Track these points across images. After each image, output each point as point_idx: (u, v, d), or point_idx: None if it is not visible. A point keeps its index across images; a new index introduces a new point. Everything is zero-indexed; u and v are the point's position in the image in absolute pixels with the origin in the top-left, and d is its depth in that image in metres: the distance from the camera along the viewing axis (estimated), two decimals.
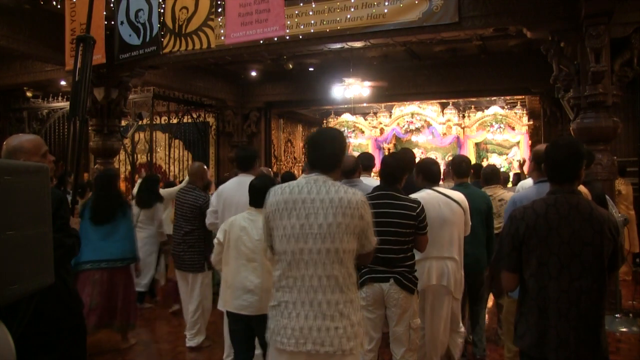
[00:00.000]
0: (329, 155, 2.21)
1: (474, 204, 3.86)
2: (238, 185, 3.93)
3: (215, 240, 3.38)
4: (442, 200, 3.47)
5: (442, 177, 5.02)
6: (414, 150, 10.32)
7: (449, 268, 3.44)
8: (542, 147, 3.28)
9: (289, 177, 6.58)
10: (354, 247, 2.13)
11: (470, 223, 3.64)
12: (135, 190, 6.86)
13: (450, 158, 10.67)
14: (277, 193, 2.18)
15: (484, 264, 4.12)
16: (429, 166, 3.69)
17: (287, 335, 2.07)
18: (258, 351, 3.36)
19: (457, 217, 3.48)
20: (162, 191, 7.08)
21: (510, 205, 2.97)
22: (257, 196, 3.21)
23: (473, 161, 9.78)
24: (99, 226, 4.42)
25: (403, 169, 3.30)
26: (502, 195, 4.70)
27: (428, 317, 3.48)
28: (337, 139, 2.27)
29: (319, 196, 2.10)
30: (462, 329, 3.76)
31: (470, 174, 5.11)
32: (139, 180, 7.07)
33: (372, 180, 4.33)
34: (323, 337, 2.03)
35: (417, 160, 4.64)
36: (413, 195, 3.46)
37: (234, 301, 3.19)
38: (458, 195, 3.54)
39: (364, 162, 4.34)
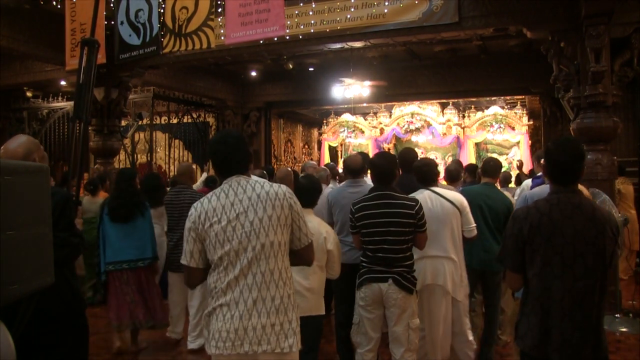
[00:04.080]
0: (236, 158, 2.14)
1: (496, 203, 3.91)
2: None
3: None
4: (435, 200, 3.46)
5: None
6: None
7: (445, 267, 3.41)
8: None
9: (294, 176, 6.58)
10: (287, 239, 2.12)
11: (474, 224, 3.57)
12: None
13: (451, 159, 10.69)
14: (203, 203, 2.11)
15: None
16: (420, 167, 3.68)
17: (222, 339, 2.00)
18: None
19: (451, 216, 3.45)
20: None
21: (522, 202, 2.98)
22: (307, 197, 3.11)
23: (473, 161, 9.78)
24: (117, 225, 4.41)
25: (393, 168, 3.29)
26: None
27: (426, 317, 3.45)
28: (237, 141, 2.18)
29: (246, 194, 2.08)
30: (472, 339, 3.58)
31: (465, 174, 5.10)
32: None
33: None
34: (259, 336, 1.99)
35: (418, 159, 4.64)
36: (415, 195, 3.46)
37: None
38: (453, 195, 3.53)
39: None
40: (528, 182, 5.08)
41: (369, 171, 4.37)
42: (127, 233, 4.44)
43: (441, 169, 6.65)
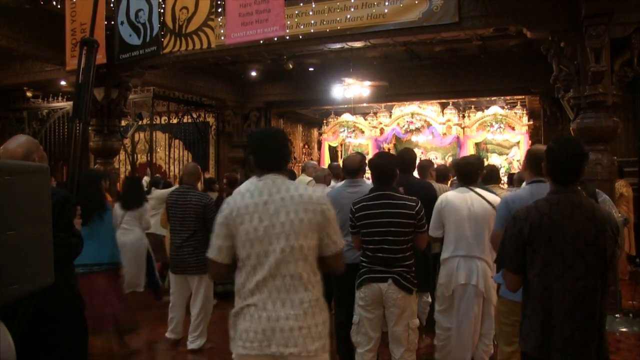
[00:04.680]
0: (281, 155, 2.18)
1: None
2: None
3: None
4: (476, 200, 3.46)
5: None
6: (413, 150, 10.30)
7: (479, 268, 3.40)
8: (539, 147, 3.27)
9: (290, 175, 6.61)
10: (316, 244, 2.10)
11: None
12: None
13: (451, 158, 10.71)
14: (236, 200, 2.12)
15: None
16: (464, 166, 3.69)
17: (249, 339, 2.02)
18: None
19: (490, 218, 3.40)
20: (156, 192, 7.06)
21: (503, 206, 2.95)
22: None
23: None
24: None
25: (394, 167, 3.29)
26: (502, 195, 4.70)
27: (456, 318, 3.46)
28: (284, 138, 2.25)
29: (279, 195, 2.07)
30: (490, 343, 3.57)
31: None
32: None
33: None
34: (287, 338, 1.99)
35: (418, 159, 4.68)
36: (451, 193, 3.50)
37: None
38: (493, 198, 3.51)
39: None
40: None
41: (367, 171, 4.38)
42: (84, 236, 4.29)
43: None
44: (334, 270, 2.25)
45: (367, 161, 4.13)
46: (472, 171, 3.64)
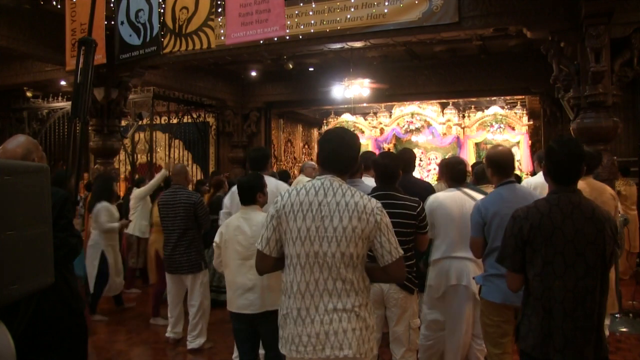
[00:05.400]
0: (346, 157, 2.15)
1: None
2: None
3: (214, 244, 3.39)
4: (466, 201, 3.44)
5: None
6: (413, 150, 10.31)
7: (469, 269, 3.39)
8: (497, 150, 3.26)
9: (285, 175, 6.61)
10: (365, 253, 2.08)
11: None
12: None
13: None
14: (291, 194, 2.10)
15: None
16: (455, 165, 3.68)
17: (303, 343, 2.01)
18: (262, 351, 3.35)
19: None
20: (135, 191, 6.98)
21: (475, 212, 2.95)
22: (246, 194, 3.24)
23: (474, 161, 9.78)
24: None
25: (398, 168, 3.29)
26: None
27: (448, 319, 3.45)
28: (355, 141, 2.20)
29: (335, 199, 2.04)
30: (483, 344, 3.51)
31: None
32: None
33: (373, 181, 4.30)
34: (341, 340, 1.98)
35: (416, 159, 4.67)
36: (441, 194, 3.49)
37: (237, 301, 3.20)
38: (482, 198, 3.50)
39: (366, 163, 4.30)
40: (529, 180, 5.08)
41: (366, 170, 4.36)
42: None
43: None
44: (394, 281, 2.21)
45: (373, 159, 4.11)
46: (463, 171, 3.63)
